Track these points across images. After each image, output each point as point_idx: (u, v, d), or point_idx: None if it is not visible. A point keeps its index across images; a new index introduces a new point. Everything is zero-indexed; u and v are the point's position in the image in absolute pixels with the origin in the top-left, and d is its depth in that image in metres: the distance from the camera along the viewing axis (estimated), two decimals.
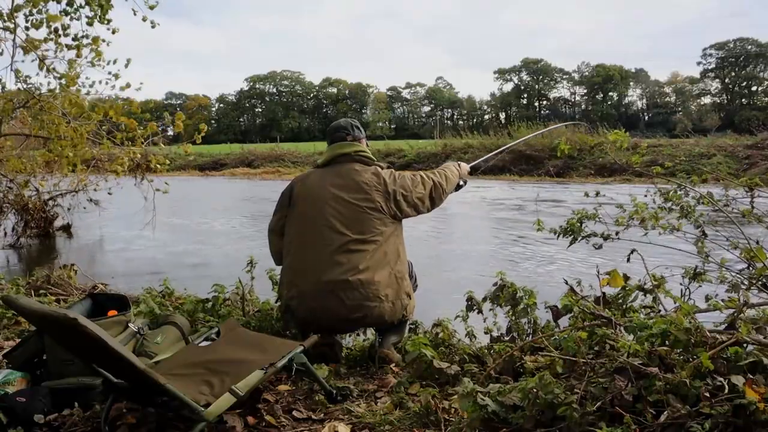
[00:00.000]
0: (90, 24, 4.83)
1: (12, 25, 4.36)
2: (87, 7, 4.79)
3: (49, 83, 4.97)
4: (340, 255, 2.79)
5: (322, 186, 2.94)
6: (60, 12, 4.72)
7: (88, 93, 5.18)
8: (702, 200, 2.73)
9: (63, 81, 4.85)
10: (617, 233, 2.82)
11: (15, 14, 4.37)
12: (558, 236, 2.95)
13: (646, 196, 3.03)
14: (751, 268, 2.42)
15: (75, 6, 4.72)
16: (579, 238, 2.87)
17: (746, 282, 2.37)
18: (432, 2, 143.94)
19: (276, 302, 3.40)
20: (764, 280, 2.32)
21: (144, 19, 4.89)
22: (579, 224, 2.89)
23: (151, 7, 4.88)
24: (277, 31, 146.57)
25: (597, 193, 3.05)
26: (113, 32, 5.02)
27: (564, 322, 2.70)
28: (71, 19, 4.78)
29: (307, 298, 2.80)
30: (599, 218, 2.87)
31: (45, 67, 4.76)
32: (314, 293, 2.79)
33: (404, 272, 2.96)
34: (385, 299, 2.80)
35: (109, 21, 4.88)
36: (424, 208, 3.08)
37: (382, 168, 3.06)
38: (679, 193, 2.81)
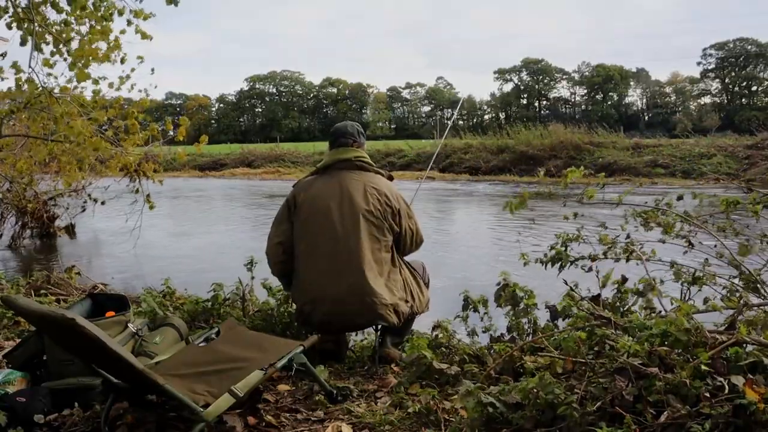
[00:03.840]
0: (90, 37, 4.80)
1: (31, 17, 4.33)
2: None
3: (57, 78, 4.93)
4: (345, 264, 2.81)
5: (325, 194, 2.93)
6: (61, 21, 4.69)
7: (98, 90, 5.13)
8: (684, 219, 2.67)
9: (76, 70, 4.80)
10: (604, 253, 2.74)
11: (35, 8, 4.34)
12: (545, 266, 2.85)
13: (625, 220, 2.85)
14: (742, 274, 2.41)
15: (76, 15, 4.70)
16: (567, 265, 2.77)
17: (741, 287, 2.37)
18: (433, 2, 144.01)
19: (276, 302, 3.41)
20: (754, 283, 2.31)
21: (137, 31, 4.88)
22: (564, 249, 2.80)
23: (145, 18, 4.87)
24: (276, 32, 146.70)
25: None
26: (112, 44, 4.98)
27: (563, 322, 2.70)
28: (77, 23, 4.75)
29: (318, 306, 2.83)
30: (584, 239, 2.77)
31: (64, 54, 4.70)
32: (324, 301, 2.82)
33: (407, 275, 2.99)
34: (391, 304, 2.81)
35: (110, 29, 4.85)
36: (402, 241, 2.99)
37: (383, 176, 3.07)
38: (657, 213, 2.74)
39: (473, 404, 1.80)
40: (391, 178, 3.11)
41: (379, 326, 2.94)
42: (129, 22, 4.83)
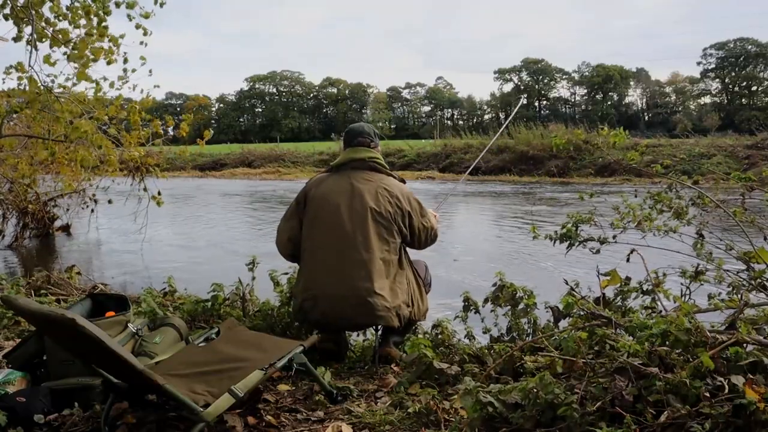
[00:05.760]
0: (89, 35, 4.79)
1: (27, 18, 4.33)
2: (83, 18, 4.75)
3: (56, 78, 4.94)
4: (351, 263, 2.81)
5: (336, 192, 2.94)
6: (55, 17, 4.69)
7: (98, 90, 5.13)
8: (695, 200, 2.69)
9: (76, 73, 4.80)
10: (614, 236, 2.77)
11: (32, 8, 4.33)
12: (554, 242, 2.89)
13: (636, 196, 2.98)
14: (750, 270, 2.41)
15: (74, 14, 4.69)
16: (576, 244, 2.80)
17: (746, 284, 2.37)
18: (433, 3, 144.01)
19: (278, 302, 3.41)
20: (763, 281, 2.31)
21: (137, 27, 4.88)
22: (575, 229, 2.83)
23: (146, 16, 4.88)
24: (276, 32, 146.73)
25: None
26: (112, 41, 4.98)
27: (564, 322, 2.70)
28: (71, 24, 4.75)
29: (319, 303, 2.84)
30: (595, 222, 2.81)
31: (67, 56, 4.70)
32: (326, 299, 2.82)
33: (412, 280, 2.99)
34: (393, 306, 2.82)
35: (106, 28, 4.85)
36: (416, 240, 3.02)
37: (395, 178, 3.07)
38: (669, 194, 2.76)
39: (472, 403, 1.80)
40: (403, 182, 3.11)
41: (380, 326, 2.94)
42: (130, 17, 4.83)
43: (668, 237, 2.71)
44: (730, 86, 64.38)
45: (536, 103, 74.80)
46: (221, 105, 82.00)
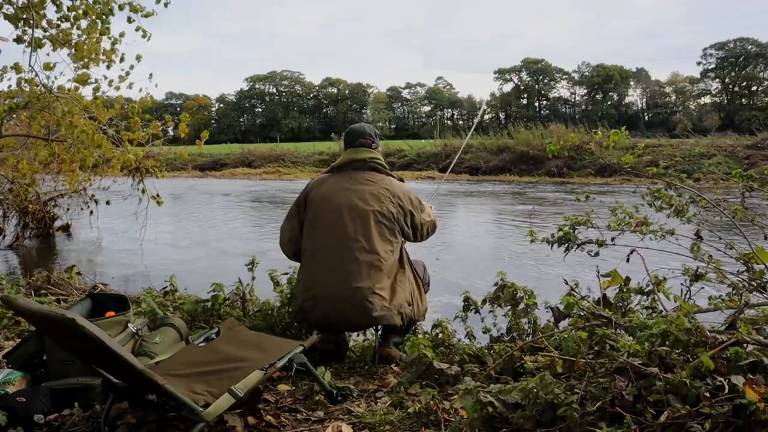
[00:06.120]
0: (89, 34, 4.79)
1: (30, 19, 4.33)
2: (86, 18, 4.75)
3: (56, 78, 4.96)
4: (352, 263, 2.81)
5: (337, 193, 2.94)
6: (58, 19, 4.70)
7: (96, 90, 5.14)
8: (694, 198, 2.69)
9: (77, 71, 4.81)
10: (613, 239, 2.76)
11: (35, 9, 4.34)
12: (552, 246, 2.89)
13: (635, 192, 2.99)
14: (750, 271, 2.41)
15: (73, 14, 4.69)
16: (574, 247, 2.80)
17: (746, 284, 2.36)
18: (432, 2, 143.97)
19: (279, 303, 3.41)
20: (763, 281, 2.31)
21: (137, 29, 4.90)
22: (572, 231, 2.82)
23: (147, 15, 4.88)
24: (276, 32, 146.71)
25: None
26: (113, 42, 4.98)
27: (564, 322, 2.70)
28: (72, 25, 4.75)
29: (319, 304, 2.84)
30: (592, 224, 2.80)
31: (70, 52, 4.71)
32: (326, 299, 2.82)
33: (412, 280, 2.99)
34: (394, 307, 2.82)
35: (108, 29, 4.85)
36: (419, 235, 3.09)
37: (394, 178, 3.09)
38: (669, 192, 2.76)
39: (472, 403, 1.80)
40: (402, 181, 3.13)
41: (380, 326, 2.94)
42: (129, 20, 4.84)
43: (666, 239, 2.70)
44: (730, 86, 64.34)
45: (536, 103, 74.76)
46: (221, 105, 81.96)
